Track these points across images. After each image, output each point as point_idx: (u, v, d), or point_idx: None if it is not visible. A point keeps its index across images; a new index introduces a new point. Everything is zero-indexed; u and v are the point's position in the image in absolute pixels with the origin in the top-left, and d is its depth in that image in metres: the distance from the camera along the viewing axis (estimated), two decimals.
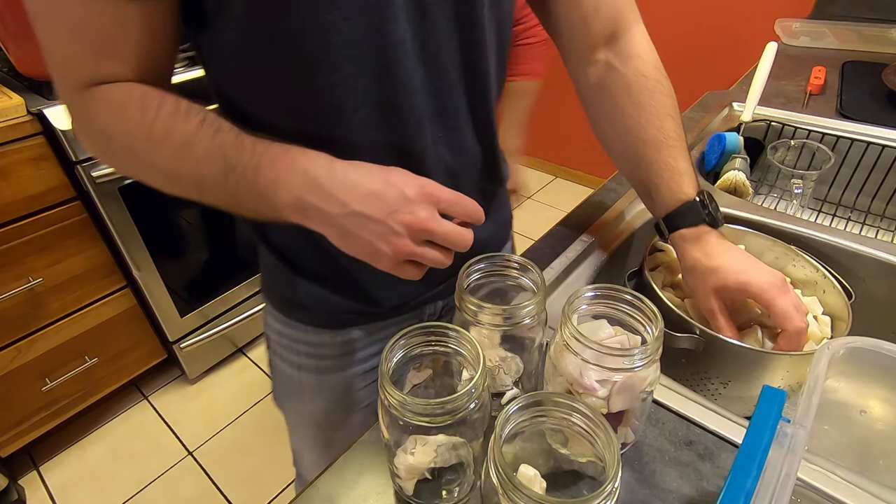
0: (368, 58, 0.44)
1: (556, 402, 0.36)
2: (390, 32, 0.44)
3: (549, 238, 0.73)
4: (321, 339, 0.64)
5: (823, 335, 0.59)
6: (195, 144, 0.42)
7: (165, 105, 0.43)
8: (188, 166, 0.43)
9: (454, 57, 0.49)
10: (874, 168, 0.90)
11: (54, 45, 0.42)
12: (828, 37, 1.28)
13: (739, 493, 0.31)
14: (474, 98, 0.53)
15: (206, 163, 0.43)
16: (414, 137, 0.50)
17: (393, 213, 0.41)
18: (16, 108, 1.13)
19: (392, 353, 0.40)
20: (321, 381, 0.68)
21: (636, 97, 0.58)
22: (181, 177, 0.44)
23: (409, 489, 0.43)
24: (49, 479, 1.47)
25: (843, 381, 0.46)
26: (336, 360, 0.66)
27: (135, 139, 0.43)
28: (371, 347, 0.67)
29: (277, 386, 0.74)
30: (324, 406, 0.70)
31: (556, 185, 2.72)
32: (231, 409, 1.65)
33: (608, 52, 0.59)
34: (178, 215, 1.45)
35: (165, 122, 0.42)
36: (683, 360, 0.58)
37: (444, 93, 0.50)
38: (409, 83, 0.47)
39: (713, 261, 0.55)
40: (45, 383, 1.37)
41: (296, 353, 0.66)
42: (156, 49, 0.43)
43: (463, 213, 0.45)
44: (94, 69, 0.42)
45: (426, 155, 0.52)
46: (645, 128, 0.58)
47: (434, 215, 0.42)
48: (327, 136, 0.47)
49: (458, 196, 0.44)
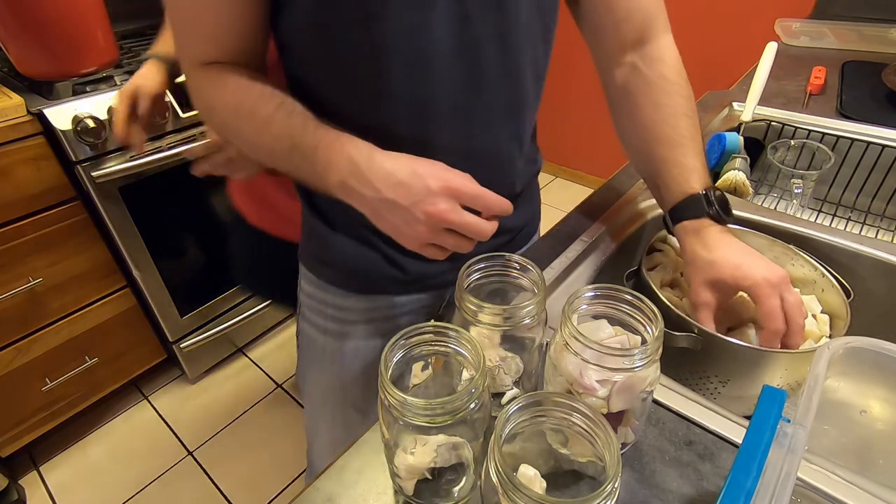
0: (409, 52, 0.50)
1: (556, 402, 0.36)
2: (432, 31, 0.49)
3: (549, 238, 0.73)
4: (347, 303, 0.69)
5: (822, 334, 0.59)
6: (272, 123, 0.52)
7: (254, 89, 0.53)
8: (265, 140, 0.53)
9: (492, 59, 0.53)
10: (874, 168, 0.90)
11: (178, 31, 0.54)
12: (828, 37, 1.28)
13: (739, 493, 0.31)
14: (511, 98, 0.58)
15: (279, 140, 0.52)
16: (448, 131, 0.55)
17: (417, 203, 0.47)
18: (16, 108, 1.13)
19: (392, 353, 0.40)
20: (343, 348, 0.72)
21: (655, 97, 0.61)
22: (260, 147, 0.55)
23: (409, 489, 0.43)
24: (49, 479, 1.47)
25: (843, 381, 0.46)
26: (360, 326, 0.71)
27: (229, 113, 0.54)
28: (391, 322, 0.71)
29: (302, 356, 0.79)
30: (343, 374, 0.74)
31: (556, 185, 2.72)
32: (231, 409, 1.65)
33: (635, 55, 0.62)
34: (178, 215, 1.45)
35: (253, 103, 0.52)
36: (682, 360, 0.58)
37: (480, 92, 0.54)
38: (446, 79, 0.52)
39: (712, 253, 0.55)
40: (45, 383, 1.37)
41: (323, 316, 0.72)
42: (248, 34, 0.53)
43: (484, 207, 0.50)
44: (202, 51, 0.53)
45: (459, 148, 0.56)
46: (660, 126, 0.61)
47: (454, 207, 0.48)
48: (369, 121, 0.53)
49: (481, 191, 0.49)
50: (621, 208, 0.78)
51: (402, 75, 0.51)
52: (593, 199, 0.81)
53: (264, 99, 0.52)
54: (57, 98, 1.18)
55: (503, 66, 0.55)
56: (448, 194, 0.48)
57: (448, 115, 0.54)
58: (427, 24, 0.49)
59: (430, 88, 0.52)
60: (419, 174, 0.48)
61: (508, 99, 0.58)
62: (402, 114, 0.54)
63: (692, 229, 0.58)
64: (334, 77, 0.54)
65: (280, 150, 0.52)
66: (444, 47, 0.50)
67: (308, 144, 0.50)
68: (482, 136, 0.58)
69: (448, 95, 0.53)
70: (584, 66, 2.15)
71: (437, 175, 0.48)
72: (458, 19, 0.50)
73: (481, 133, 0.57)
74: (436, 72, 0.51)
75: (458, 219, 0.48)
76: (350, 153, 0.49)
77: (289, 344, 1.86)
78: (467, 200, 0.49)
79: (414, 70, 0.51)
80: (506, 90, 0.57)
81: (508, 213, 0.51)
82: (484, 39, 0.52)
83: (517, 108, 0.60)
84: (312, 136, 0.50)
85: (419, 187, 0.47)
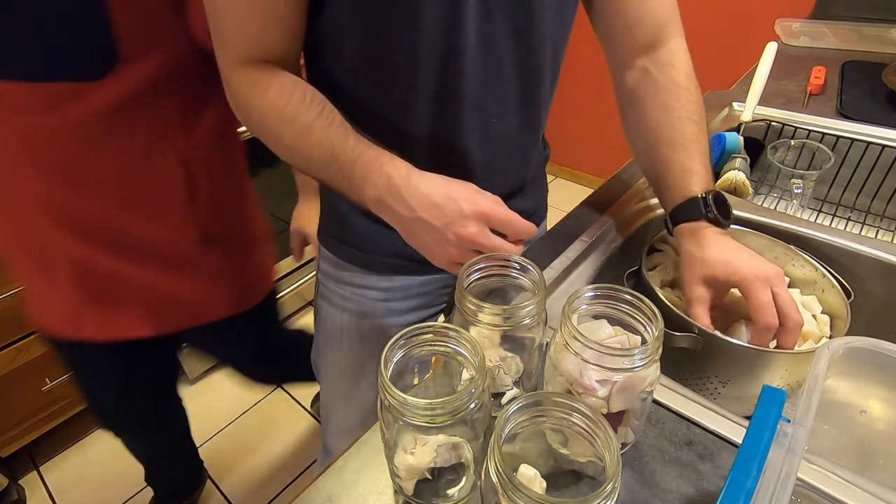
0: (439, 44, 0.52)
1: (556, 402, 0.36)
2: (460, 25, 0.52)
3: (549, 238, 0.73)
4: (365, 282, 0.72)
5: (822, 334, 0.59)
6: (312, 131, 0.53)
7: (296, 93, 0.54)
8: (304, 147, 0.54)
9: (510, 53, 0.56)
10: (874, 168, 0.90)
11: (221, 28, 0.54)
12: (828, 37, 1.28)
13: (739, 493, 0.31)
14: (525, 91, 0.60)
15: (318, 148, 0.53)
16: (468, 117, 0.58)
17: (449, 225, 0.50)
18: None
19: (392, 353, 0.40)
20: (360, 326, 0.74)
21: (662, 100, 0.62)
22: (297, 152, 0.55)
23: (409, 489, 0.43)
24: (49, 479, 1.47)
25: (843, 381, 0.46)
26: (377, 304, 0.73)
27: (269, 116, 0.55)
28: (410, 301, 0.74)
29: (319, 336, 0.81)
30: (362, 352, 0.76)
31: (556, 185, 2.72)
32: (231, 409, 1.65)
33: (647, 59, 0.63)
34: None
35: (294, 108, 0.54)
36: (682, 360, 0.58)
37: (498, 83, 0.57)
38: (470, 71, 0.55)
39: (704, 251, 0.56)
40: (45, 383, 1.37)
41: (340, 295, 0.74)
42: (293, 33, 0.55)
43: (513, 232, 0.52)
44: (246, 49, 0.54)
45: (476, 135, 0.60)
46: (666, 128, 0.62)
47: (483, 231, 0.51)
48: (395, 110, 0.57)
49: (510, 216, 0.52)
50: (621, 208, 0.78)
51: (431, 67, 0.54)
52: (593, 199, 0.81)
53: (305, 105, 0.54)
54: None
55: (521, 61, 0.57)
56: (479, 218, 0.50)
57: (469, 104, 0.57)
58: (456, 19, 0.51)
59: (456, 79, 0.55)
60: (453, 197, 0.50)
61: (525, 91, 0.60)
62: (426, 103, 0.56)
63: (689, 231, 0.58)
64: (367, 71, 0.56)
65: (318, 158, 0.54)
66: (471, 41, 0.53)
67: (347, 157, 0.52)
68: (499, 124, 0.60)
69: (470, 86, 0.56)
70: (585, 66, 2.15)
71: (470, 199, 0.51)
72: (482, 15, 0.52)
73: (498, 122, 0.60)
74: (462, 64, 0.54)
75: (487, 242, 0.51)
76: (389, 172, 0.51)
77: None
78: (497, 225, 0.51)
79: (443, 62, 0.54)
80: (523, 83, 0.59)
81: (533, 235, 0.54)
82: (506, 34, 0.54)
83: (533, 101, 0.62)
84: (352, 150, 0.53)
85: (452, 210, 0.50)
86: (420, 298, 0.75)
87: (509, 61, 0.57)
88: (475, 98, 0.57)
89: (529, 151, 0.68)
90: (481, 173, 0.63)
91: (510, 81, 0.58)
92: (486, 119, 0.59)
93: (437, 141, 0.60)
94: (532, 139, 0.67)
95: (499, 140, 0.62)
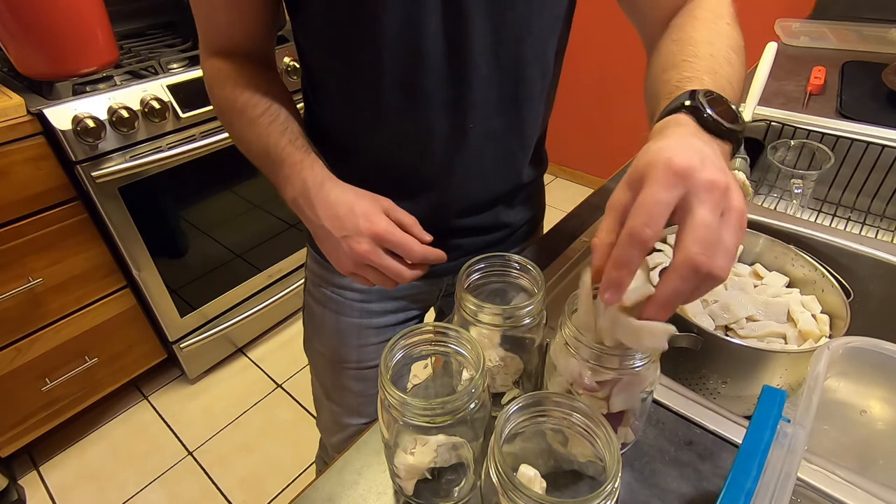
0: (401, 46, 0.52)
1: (556, 402, 0.36)
2: (420, 27, 0.51)
3: (549, 238, 0.73)
4: (344, 282, 0.73)
5: (822, 334, 0.59)
6: (255, 126, 0.57)
7: (249, 88, 0.58)
8: (247, 139, 0.59)
9: (485, 52, 0.54)
10: (874, 168, 0.90)
11: (197, 21, 0.59)
12: (828, 37, 1.28)
13: (739, 493, 0.31)
14: (508, 92, 0.58)
15: (257, 142, 0.57)
16: (439, 121, 0.57)
17: (345, 238, 0.52)
18: (16, 108, 1.13)
19: (392, 353, 0.40)
20: (339, 323, 0.76)
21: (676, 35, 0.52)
22: (243, 143, 0.60)
23: (409, 489, 0.43)
24: (49, 479, 1.47)
25: (843, 381, 0.46)
26: (354, 304, 0.74)
27: (224, 105, 0.60)
28: (386, 303, 0.75)
29: (307, 328, 0.83)
30: (341, 346, 0.78)
31: (556, 185, 2.72)
32: (231, 409, 1.65)
33: None
34: (178, 215, 1.45)
35: (244, 102, 0.58)
36: (682, 359, 0.58)
37: (473, 85, 0.55)
38: (437, 73, 0.54)
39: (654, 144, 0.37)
40: (45, 383, 1.37)
41: (323, 293, 0.76)
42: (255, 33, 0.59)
43: (405, 254, 0.53)
44: (215, 42, 0.59)
45: (456, 138, 0.58)
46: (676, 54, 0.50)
47: (375, 250, 0.52)
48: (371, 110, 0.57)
49: (403, 240, 0.52)
50: None
51: (395, 70, 0.54)
52: (593, 199, 0.81)
53: (254, 100, 0.58)
54: (57, 98, 1.18)
55: (499, 61, 0.55)
56: (372, 237, 0.52)
57: (439, 106, 0.56)
58: (416, 20, 0.51)
59: (423, 80, 0.54)
60: (354, 212, 0.52)
61: (507, 92, 0.58)
62: (394, 105, 0.56)
63: (658, 129, 0.40)
64: (342, 70, 0.57)
65: (256, 151, 0.58)
66: (435, 42, 0.52)
67: (277, 156, 0.56)
68: (478, 127, 0.59)
69: (438, 88, 0.55)
70: (585, 66, 2.15)
71: (370, 216, 0.52)
72: (449, 16, 0.51)
73: (477, 124, 0.59)
74: (427, 65, 0.53)
75: (378, 261, 0.53)
76: (306, 177, 0.54)
77: (289, 344, 1.86)
78: (390, 246, 0.53)
79: (407, 64, 0.53)
80: (505, 84, 0.57)
81: (441, 261, 0.55)
82: (482, 33, 0.53)
83: (518, 102, 0.60)
84: (283, 150, 0.56)
85: (351, 224, 0.52)
86: (396, 302, 0.75)
87: (485, 62, 0.54)
88: (446, 100, 0.56)
89: (517, 156, 0.65)
90: (460, 178, 0.62)
91: (488, 82, 0.56)
92: (462, 121, 0.58)
93: (410, 144, 0.59)
94: (518, 142, 0.64)
95: (479, 143, 0.60)
